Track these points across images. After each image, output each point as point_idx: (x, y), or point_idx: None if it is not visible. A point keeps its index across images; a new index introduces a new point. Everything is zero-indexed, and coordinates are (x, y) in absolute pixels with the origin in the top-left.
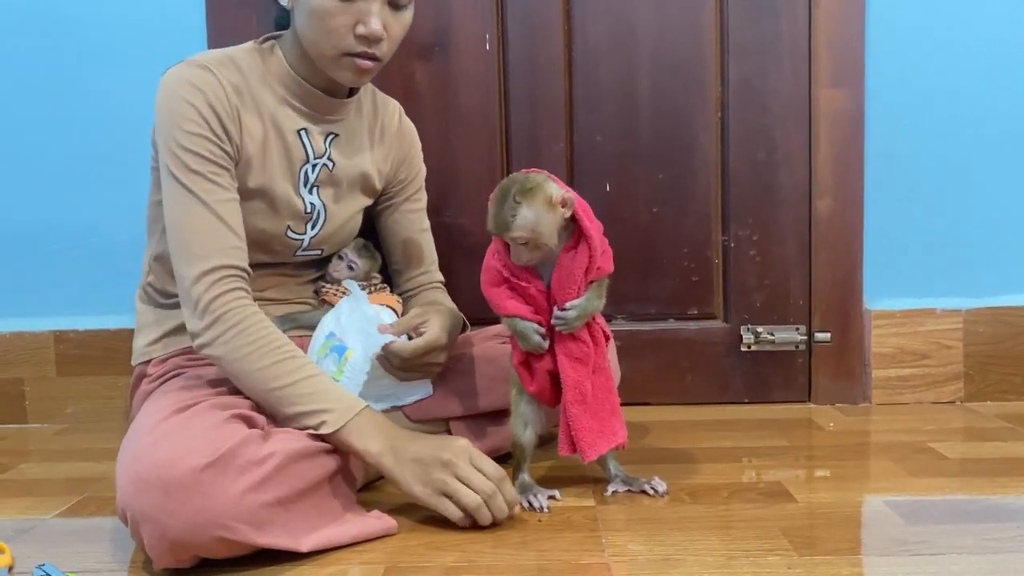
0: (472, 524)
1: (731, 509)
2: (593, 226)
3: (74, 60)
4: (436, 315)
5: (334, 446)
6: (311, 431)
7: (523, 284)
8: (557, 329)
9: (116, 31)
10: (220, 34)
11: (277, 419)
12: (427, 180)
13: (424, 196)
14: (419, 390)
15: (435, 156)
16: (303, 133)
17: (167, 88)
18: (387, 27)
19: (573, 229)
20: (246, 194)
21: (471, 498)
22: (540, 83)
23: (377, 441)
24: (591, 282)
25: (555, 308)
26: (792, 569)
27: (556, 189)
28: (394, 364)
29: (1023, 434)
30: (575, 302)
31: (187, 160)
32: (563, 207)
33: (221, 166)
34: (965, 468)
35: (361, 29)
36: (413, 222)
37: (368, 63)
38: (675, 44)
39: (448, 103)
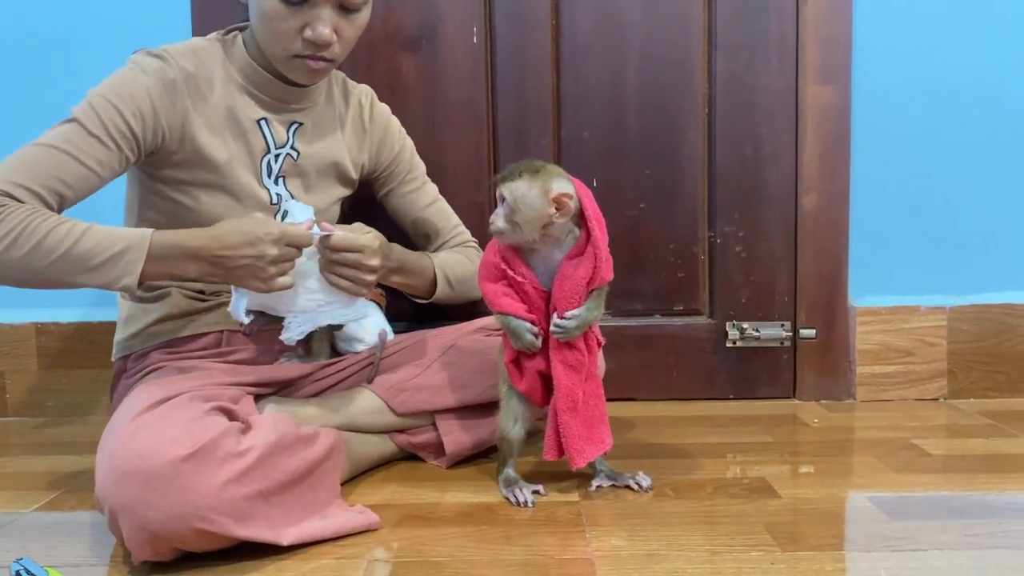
0: None
1: (715, 504)
2: (603, 237)
3: (55, 49)
4: (390, 243)
5: (151, 280)
6: (122, 281)
7: (519, 279)
8: (555, 337)
9: (101, 23)
10: (204, 23)
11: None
12: None
13: (418, 172)
14: (354, 309)
15: (421, 150)
16: (263, 123)
17: (122, 68)
18: (338, 30)
19: (579, 237)
20: (205, 187)
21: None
22: (528, 77)
23: (193, 265)
24: (591, 291)
25: (554, 316)
26: (775, 564)
27: (561, 186)
28: (320, 255)
29: (1006, 431)
30: (575, 312)
31: (88, 114)
32: (555, 206)
33: (109, 146)
34: (948, 465)
35: (309, 34)
36: (415, 202)
37: (319, 64)
38: (663, 40)
39: (435, 97)
